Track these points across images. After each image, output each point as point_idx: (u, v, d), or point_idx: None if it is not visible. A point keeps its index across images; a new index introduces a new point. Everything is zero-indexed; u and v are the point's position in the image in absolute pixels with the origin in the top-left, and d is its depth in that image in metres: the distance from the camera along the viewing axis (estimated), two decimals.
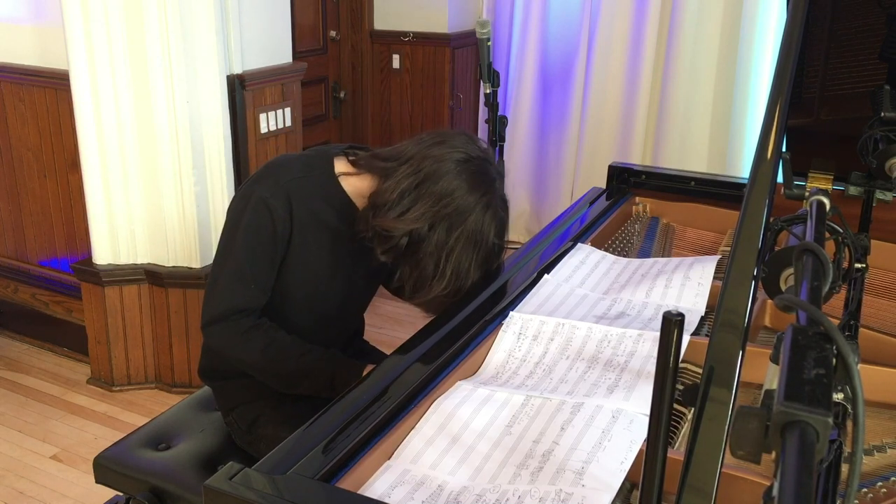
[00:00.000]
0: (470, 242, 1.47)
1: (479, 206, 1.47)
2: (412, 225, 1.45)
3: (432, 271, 1.48)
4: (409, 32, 4.25)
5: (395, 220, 1.46)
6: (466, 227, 1.46)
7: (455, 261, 1.47)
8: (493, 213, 1.50)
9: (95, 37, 2.69)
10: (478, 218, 1.47)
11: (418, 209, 1.46)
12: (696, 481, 0.71)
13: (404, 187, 1.47)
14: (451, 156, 1.48)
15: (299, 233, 1.55)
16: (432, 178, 1.46)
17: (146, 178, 2.85)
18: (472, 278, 1.51)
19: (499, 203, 1.52)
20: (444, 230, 1.46)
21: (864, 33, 1.60)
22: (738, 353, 0.76)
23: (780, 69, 0.95)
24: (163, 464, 1.59)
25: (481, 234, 1.48)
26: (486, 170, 1.51)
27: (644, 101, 4.02)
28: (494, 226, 1.50)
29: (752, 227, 0.83)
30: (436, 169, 1.47)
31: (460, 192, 1.46)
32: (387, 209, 1.47)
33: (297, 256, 1.57)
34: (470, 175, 1.47)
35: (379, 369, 1.28)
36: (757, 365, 1.26)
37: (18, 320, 3.43)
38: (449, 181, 1.46)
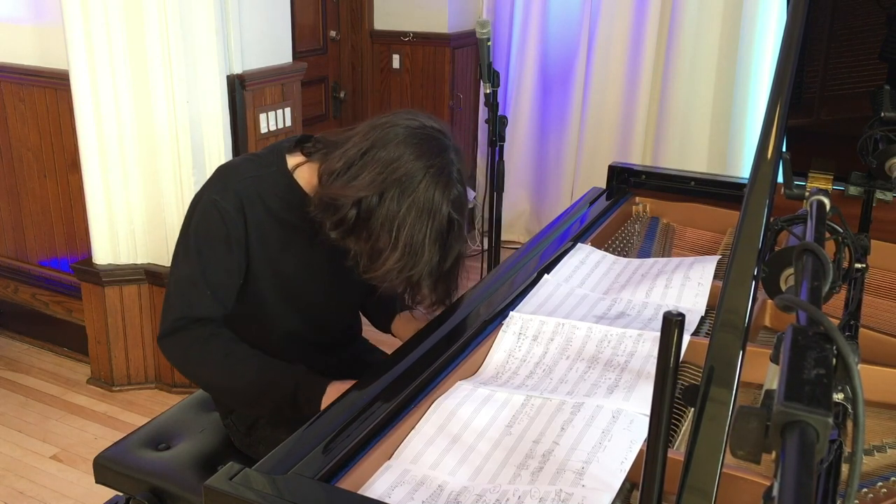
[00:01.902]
0: (422, 212, 1.38)
1: (429, 174, 1.38)
2: (360, 192, 1.38)
3: (385, 242, 1.39)
4: (409, 32, 4.25)
5: (342, 187, 1.39)
6: (417, 195, 1.37)
7: (408, 232, 1.38)
8: (446, 182, 1.39)
9: (95, 37, 2.69)
10: (428, 186, 1.38)
11: (365, 176, 1.38)
12: (696, 481, 0.71)
13: (351, 155, 1.41)
14: (400, 122, 1.42)
15: (257, 235, 1.49)
16: (379, 145, 1.39)
17: (146, 178, 2.85)
18: (430, 255, 1.40)
19: (453, 175, 1.42)
20: (394, 200, 1.37)
21: (864, 33, 1.60)
22: (738, 353, 0.76)
23: (780, 69, 0.95)
24: (163, 464, 1.59)
25: (433, 204, 1.38)
26: (437, 138, 1.42)
27: (644, 101, 4.02)
28: (448, 197, 1.40)
29: (752, 227, 0.83)
30: (383, 135, 1.40)
31: (408, 157, 1.37)
32: (334, 177, 1.41)
33: (261, 260, 1.52)
34: (419, 141, 1.39)
35: (379, 369, 1.28)
36: (757, 365, 1.26)
37: (18, 320, 3.43)
38: (396, 146, 1.38)
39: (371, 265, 1.42)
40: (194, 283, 1.47)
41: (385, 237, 1.38)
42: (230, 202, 1.46)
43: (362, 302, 1.80)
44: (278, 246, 1.54)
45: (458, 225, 1.44)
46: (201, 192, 1.51)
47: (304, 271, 1.59)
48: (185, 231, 1.50)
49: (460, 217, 1.44)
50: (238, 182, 1.49)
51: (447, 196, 1.39)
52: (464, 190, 1.46)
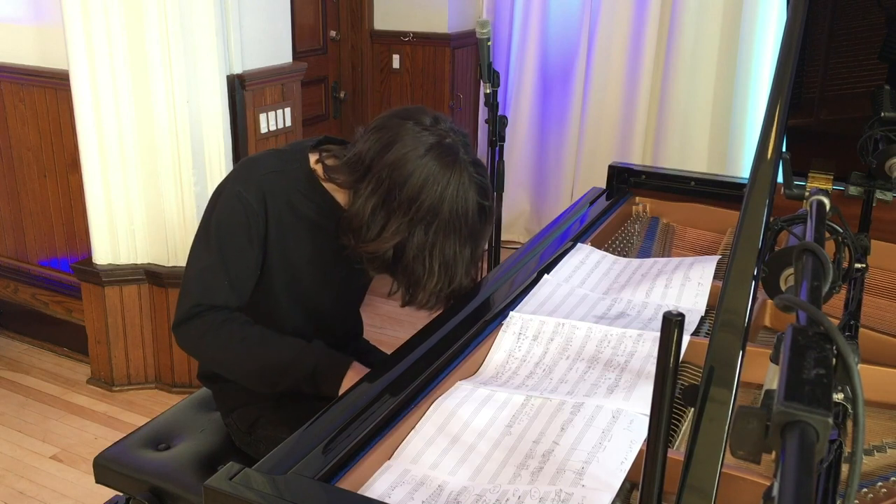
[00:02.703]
0: (450, 230, 1.42)
1: (448, 192, 1.40)
2: (393, 240, 1.42)
3: (421, 272, 1.45)
4: (409, 32, 4.25)
5: (376, 241, 1.43)
6: (442, 218, 1.41)
7: (439, 254, 1.43)
8: (466, 186, 1.42)
9: (95, 37, 2.69)
10: (451, 205, 1.41)
11: (393, 224, 1.42)
12: (696, 481, 0.71)
13: (373, 205, 1.42)
14: (408, 156, 1.41)
15: (276, 228, 1.51)
16: (396, 187, 1.40)
17: (146, 178, 2.85)
18: (464, 260, 1.46)
19: (472, 171, 1.44)
20: (422, 231, 1.42)
21: (864, 33, 1.60)
22: (738, 353, 0.76)
23: (780, 69, 0.95)
24: (163, 464, 1.59)
25: (458, 217, 1.42)
26: (445, 152, 1.42)
27: (644, 101, 4.02)
28: (472, 195, 1.43)
29: (752, 227, 0.83)
30: (396, 177, 1.40)
31: (426, 191, 1.40)
32: (364, 232, 1.44)
33: (277, 253, 1.53)
34: (431, 167, 1.40)
35: (379, 369, 1.28)
36: (757, 365, 1.26)
37: (18, 320, 3.43)
38: (412, 186, 1.40)
39: (413, 295, 1.49)
40: (214, 273, 1.49)
41: (419, 267, 1.44)
42: (253, 194, 1.48)
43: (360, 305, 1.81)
44: (295, 242, 1.55)
45: (488, 209, 1.49)
46: (224, 183, 1.53)
47: (315, 270, 1.60)
48: (206, 221, 1.52)
49: (487, 201, 1.47)
50: (261, 175, 1.51)
51: (470, 196, 1.43)
52: (483, 174, 1.48)
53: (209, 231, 1.50)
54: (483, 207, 1.47)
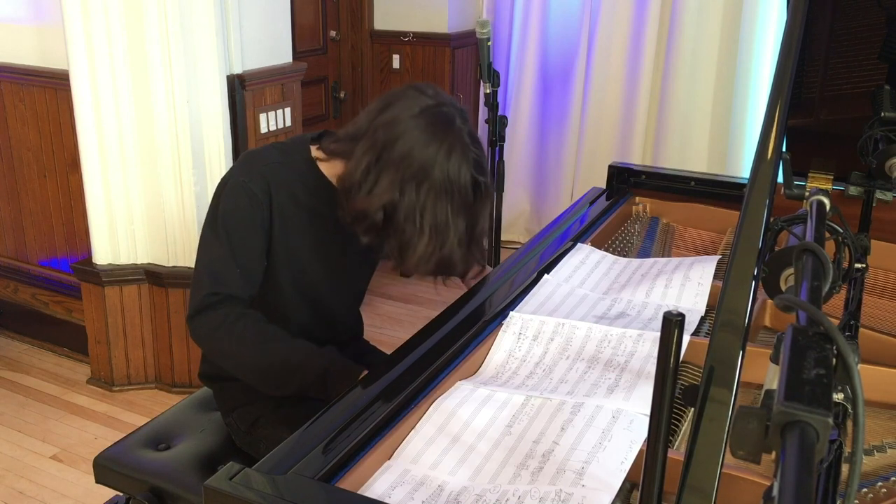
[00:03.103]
0: (440, 193, 1.42)
1: (440, 155, 1.41)
2: (383, 198, 1.42)
3: (411, 232, 1.43)
4: (409, 32, 4.25)
5: (366, 198, 1.43)
6: (433, 180, 1.41)
7: (430, 216, 1.42)
8: (460, 155, 1.42)
9: (95, 37, 2.69)
10: (442, 167, 1.41)
11: (384, 181, 1.42)
12: (696, 481, 0.71)
13: (365, 164, 1.44)
14: (402, 114, 1.43)
15: (280, 218, 1.53)
16: (388, 146, 1.42)
17: (146, 178, 2.85)
18: (457, 228, 1.44)
19: (467, 141, 1.44)
20: (412, 192, 1.41)
21: (864, 33, 1.60)
22: (738, 353, 0.76)
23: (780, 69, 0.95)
24: (163, 464, 1.59)
25: (451, 182, 1.42)
26: (439, 116, 1.44)
27: (644, 101, 4.02)
28: (465, 167, 1.43)
29: (752, 227, 0.83)
30: (389, 135, 1.42)
31: (418, 149, 1.40)
32: (356, 191, 1.45)
33: (281, 244, 1.54)
34: (424, 128, 1.42)
35: (379, 369, 1.28)
36: (757, 365, 1.26)
37: (18, 320, 3.43)
38: (404, 142, 1.41)
39: (403, 258, 1.46)
40: (224, 262, 1.50)
41: (410, 228, 1.42)
42: (258, 185, 1.50)
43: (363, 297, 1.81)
44: (298, 233, 1.56)
45: (483, 185, 1.48)
46: (228, 175, 1.54)
47: (319, 260, 1.61)
48: (212, 213, 1.53)
49: (483, 177, 1.47)
50: (265, 166, 1.53)
51: (464, 167, 1.43)
52: (480, 150, 1.48)
53: (216, 222, 1.51)
54: (477, 182, 1.46)
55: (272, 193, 1.51)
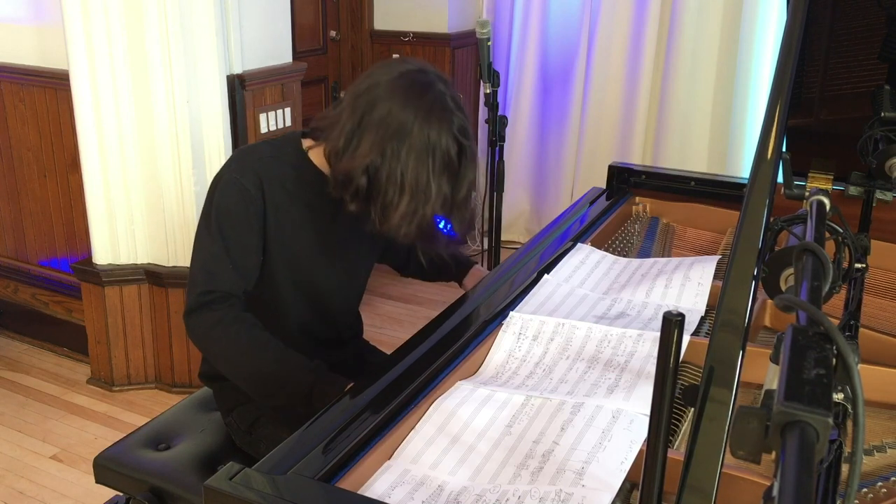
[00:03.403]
0: (421, 153, 1.42)
1: (419, 116, 1.42)
2: (365, 159, 1.43)
3: (393, 192, 1.44)
4: (409, 32, 4.24)
5: (349, 160, 1.44)
6: (413, 140, 1.42)
7: (411, 176, 1.42)
8: (439, 116, 1.43)
9: (95, 37, 2.69)
10: (421, 127, 1.42)
11: (365, 143, 1.43)
12: (696, 481, 0.71)
13: (348, 129, 1.45)
14: (381, 80, 1.45)
15: (274, 213, 1.53)
16: (368, 110, 1.43)
17: (146, 178, 2.85)
18: (439, 189, 1.45)
19: (449, 105, 1.45)
20: (394, 153, 1.42)
21: (864, 33, 1.60)
22: (738, 353, 0.76)
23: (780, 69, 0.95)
24: (163, 464, 1.59)
25: (430, 143, 1.42)
26: (419, 78, 1.45)
27: (644, 101, 4.02)
28: (445, 128, 1.43)
29: (752, 227, 0.83)
30: (369, 99, 1.44)
31: (396, 110, 1.42)
32: (340, 156, 1.46)
33: (277, 241, 1.55)
34: (402, 89, 1.43)
35: (379, 369, 1.28)
36: (757, 365, 1.26)
37: (18, 320, 3.43)
38: (384, 105, 1.42)
39: (385, 218, 1.46)
40: (218, 259, 1.51)
41: (392, 189, 1.43)
42: (250, 180, 1.51)
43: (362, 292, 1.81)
44: (293, 227, 1.57)
45: (467, 149, 1.48)
46: (221, 172, 1.55)
47: (315, 254, 1.61)
48: (206, 210, 1.54)
49: (466, 140, 1.47)
50: (257, 161, 1.54)
51: (444, 128, 1.43)
52: (462, 114, 1.49)
53: (210, 219, 1.52)
54: (461, 145, 1.46)
55: (265, 188, 1.52)
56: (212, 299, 1.50)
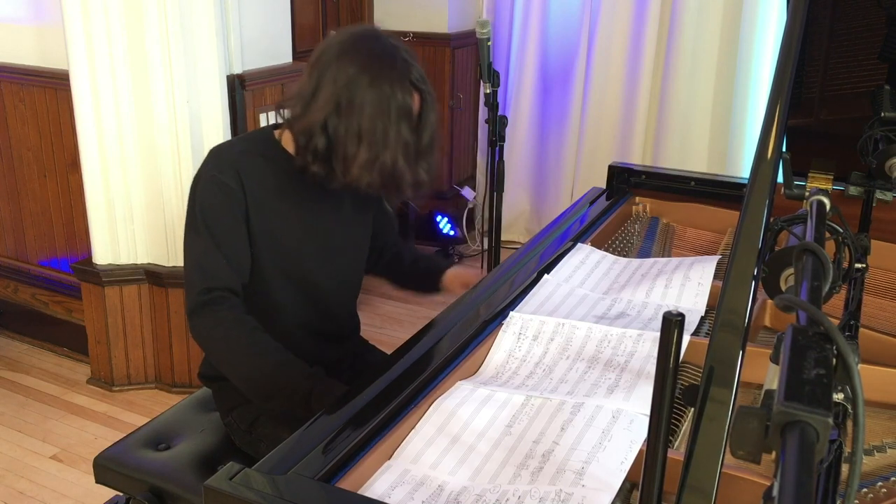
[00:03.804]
0: (376, 104, 1.46)
1: (370, 69, 1.46)
2: (321, 112, 1.47)
3: (350, 143, 1.47)
4: (409, 32, 4.24)
5: (307, 117, 1.49)
6: (365, 93, 1.45)
7: (368, 126, 1.46)
8: (390, 65, 1.47)
9: (95, 37, 2.69)
10: (373, 79, 1.46)
11: (320, 100, 1.47)
12: (696, 481, 0.71)
13: (305, 94, 1.50)
14: (332, 42, 1.51)
15: (256, 206, 1.55)
16: (323, 71, 1.48)
17: (146, 178, 2.85)
18: (400, 137, 1.48)
19: (400, 54, 1.49)
20: (349, 107, 1.46)
21: (864, 33, 1.60)
22: (738, 353, 0.76)
23: (780, 69, 0.95)
24: (163, 464, 1.59)
25: (384, 93, 1.46)
26: (368, 34, 1.51)
27: (644, 101, 4.02)
28: (397, 78, 1.47)
29: (752, 227, 0.83)
30: (322, 63, 1.49)
31: (347, 66, 1.46)
32: (300, 115, 1.51)
33: (261, 234, 1.57)
34: (352, 48, 1.48)
35: (379, 369, 1.28)
36: (757, 365, 1.26)
37: (18, 320, 3.42)
38: (336, 65, 1.47)
39: (347, 170, 1.49)
40: (210, 256, 1.52)
41: (350, 141, 1.47)
42: (228, 175, 1.54)
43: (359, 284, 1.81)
44: (277, 218, 1.58)
45: (426, 95, 1.52)
46: (199, 173, 1.58)
47: (303, 245, 1.62)
48: (191, 211, 1.56)
49: (423, 86, 1.51)
50: (233, 157, 1.57)
51: (396, 77, 1.47)
52: (415, 63, 1.52)
53: (196, 219, 1.54)
54: (419, 90, 1.50)
55: (244, 182, 1.54)
56: (212, 298, 1.51)
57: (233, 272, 1.53)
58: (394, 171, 1.50)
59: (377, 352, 1.89)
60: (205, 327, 1.52)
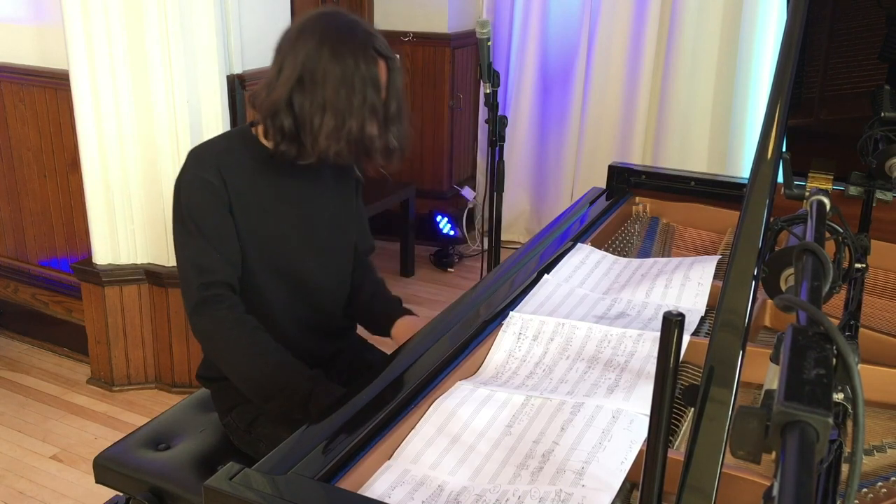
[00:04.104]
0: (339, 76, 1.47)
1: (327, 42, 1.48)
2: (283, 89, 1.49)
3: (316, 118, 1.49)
4: (409, 32, 4.24)
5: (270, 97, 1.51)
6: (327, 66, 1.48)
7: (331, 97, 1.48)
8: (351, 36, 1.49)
9: (95, 37, 2.69)
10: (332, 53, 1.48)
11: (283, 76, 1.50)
12: (696, 481, 0.71)
13: (270, 75, 1.54)
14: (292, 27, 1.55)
15: (238, 201, 1.56)
16: (285, 54, 1.52)
17: (146, 178, 2.85)
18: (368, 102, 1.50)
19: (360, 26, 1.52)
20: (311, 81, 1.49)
21: (864, 33, 1.60)
22: (738, 353, 0.76)
23: (780, 69, 0.95)
24: (163, 464, 1.59)
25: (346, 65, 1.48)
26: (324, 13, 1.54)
27: (644, 101, 4.02)
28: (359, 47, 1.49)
29: (752, 227, 0.83)
30: (285, 45, 1.53)
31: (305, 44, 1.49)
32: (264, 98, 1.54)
33: (246, 230, 1.58)
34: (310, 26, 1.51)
35: (378, 369, 1.28)
36: (757, 365, 1.26)
37: (18, 320, 3.42)
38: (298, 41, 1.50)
39: (315, 143, 1.51)
40: (203, 253, 1.53)
41: (316, 115, 1.49)
42: (209, 172, 1.55)
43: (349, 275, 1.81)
44: (260, 211, 1.59)
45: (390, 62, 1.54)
46: (181, 174, 1.58)
47: (287, 237, 1.63)
48: (177, 213, 1.57)
49: (385, 52, 1.53)
50: (212, 155, 1.58)
51: (358, 47, 1.49)
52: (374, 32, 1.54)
53: (183, 220, 1.55)
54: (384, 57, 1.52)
55: (225, 178, 1.55)
56: (211, 294, 1.52)
57: (228, 266, 1.55)
58: (361, 137, 1.51)
59: (376, 351, 1.89)
60: (206, 327, 1.53)
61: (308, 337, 1.70)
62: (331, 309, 1.75)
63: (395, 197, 3.92)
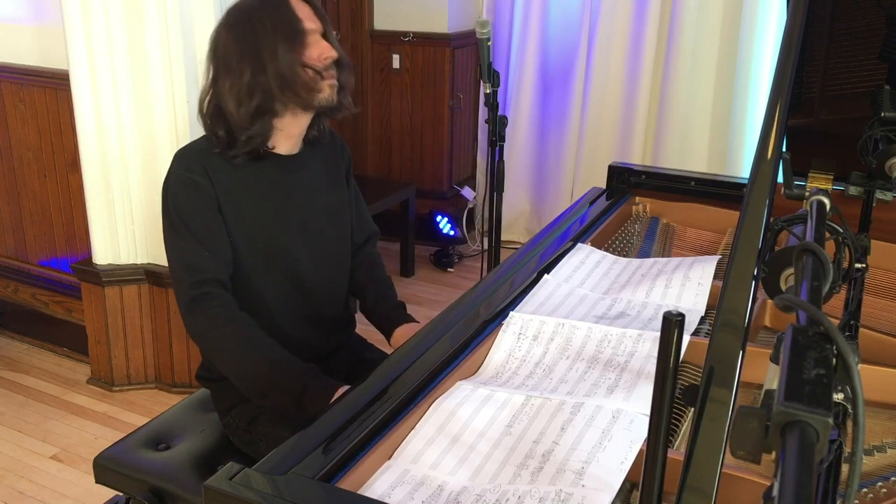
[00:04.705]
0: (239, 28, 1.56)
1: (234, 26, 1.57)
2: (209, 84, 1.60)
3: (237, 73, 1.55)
4: (409, 32, 4.25)
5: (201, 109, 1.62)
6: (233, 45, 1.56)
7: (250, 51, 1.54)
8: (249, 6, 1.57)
9: (95, 37, 2.69)
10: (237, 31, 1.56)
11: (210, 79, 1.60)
12: (696, 481, 0.71)
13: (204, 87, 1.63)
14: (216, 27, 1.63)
15: (226, 198, 1.57)
16: (210, 60, 1.61)
17: (146, 178, 2.85)
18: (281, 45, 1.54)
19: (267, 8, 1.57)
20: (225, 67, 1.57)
21: (864, 33, 1.60)
22: (738, 353, 0.76)
23: (780, 69, 0.95)
24: (163, 464, 1.59)
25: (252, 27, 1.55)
26: (231, 8, 1.61)
27: (644, 101, 4.02)
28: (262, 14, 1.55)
29: (752, 227, 0.83)
30: (209, 53, 1.62)
31: (217, 38, 1.59)
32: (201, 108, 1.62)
33: (235, 224, 1.59)
34: (223, 23, 1.60)
35: (379, 369, 1.28)
36: (757, 365, 1.27)
37: (18, 320, 3.43)
38: (214, 42, 1.61)
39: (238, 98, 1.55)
40: (193, 251, 1.54)
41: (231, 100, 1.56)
42: (196, 172, 1.56)
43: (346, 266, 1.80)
44: (248, 208, 1.60)
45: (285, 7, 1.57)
46: (167, 176, 1.60)
47: (278, 233, 1.63)
48: (166, 214, 1.58)
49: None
50: (197, 155, 1.60)
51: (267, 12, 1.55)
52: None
53: (172, 221, 1.56)
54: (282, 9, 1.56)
55: (211, 176, 1.56)
56: (203, 293, 1.52)
57: (219, 263, 1.55)
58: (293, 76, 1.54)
59: (376, 350, 1.89)
60: (200, 325, 1.54)
61: (306, 332, 1.70)
62: (328, 302, 1.75)
63: (395, 197, 3.92)
